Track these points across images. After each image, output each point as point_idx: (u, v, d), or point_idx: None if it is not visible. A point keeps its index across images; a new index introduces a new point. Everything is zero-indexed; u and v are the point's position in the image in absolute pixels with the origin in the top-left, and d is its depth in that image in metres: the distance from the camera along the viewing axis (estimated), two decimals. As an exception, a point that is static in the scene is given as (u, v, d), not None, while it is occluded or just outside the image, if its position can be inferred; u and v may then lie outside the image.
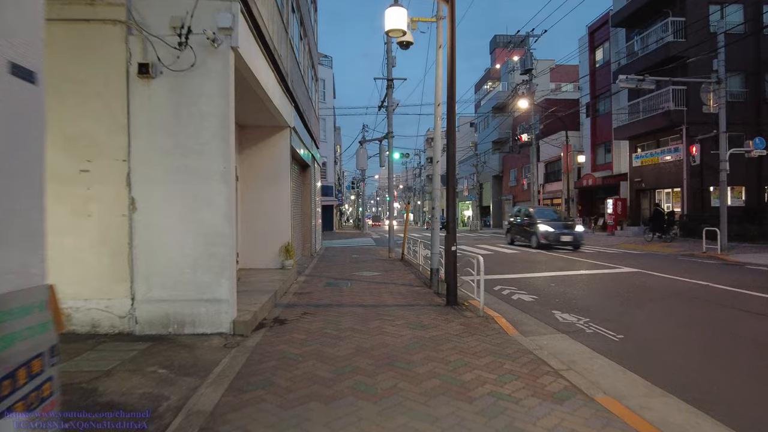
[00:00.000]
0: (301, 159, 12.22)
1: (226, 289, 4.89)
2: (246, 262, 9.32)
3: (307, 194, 13.74)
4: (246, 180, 9.32)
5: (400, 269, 11.04)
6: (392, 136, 14.02)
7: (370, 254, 15.41)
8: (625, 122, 24.16)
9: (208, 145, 4.92)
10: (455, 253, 6.64)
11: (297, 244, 12.66)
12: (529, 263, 12.57)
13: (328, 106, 34.45)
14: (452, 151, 6.85)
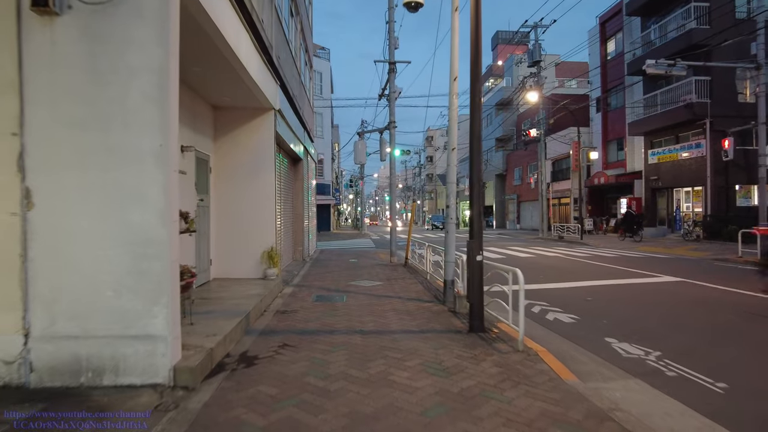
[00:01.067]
0: (290, 150, 10.71)
1: (163, 320, 3.38)
2: (221, 271, 7.81)
3: (299, 191, 12.24)
4: (221, 172, 7.81)
5: (404, 277, 9.54)
6: (395, 126, 12.53)
7: (370, 258, 13.91)
8: (640, 117, 22.70)
9: (139, 113, 3.41)
10: (481, 265, 5.14)
11: (287, 247, 11.16)
12: (551, 269, 11.07)
13: (326, 100, 32.93)
14: (477, 130, 5.36)
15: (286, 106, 9.03)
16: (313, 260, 13.13)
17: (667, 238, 20.55)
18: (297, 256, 12.24)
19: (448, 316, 5.93)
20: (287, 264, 11.05)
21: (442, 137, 59.21)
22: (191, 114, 6.68)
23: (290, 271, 10.04)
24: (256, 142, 7.88)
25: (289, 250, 11.58)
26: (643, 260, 13.17)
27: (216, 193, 7.77)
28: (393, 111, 12.61)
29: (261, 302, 6.06)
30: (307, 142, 13.41)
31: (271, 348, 4.47)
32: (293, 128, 10.22)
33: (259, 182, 7.89)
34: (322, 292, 7.69)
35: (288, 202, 11.39)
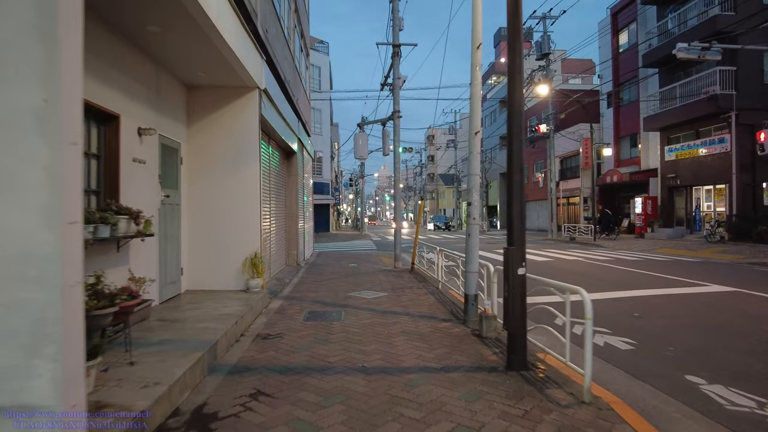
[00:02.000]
0: (282, 142, 9.45)
1: (49, 381, 2.11)
2: (195, 281, 6.55)
3: (293, 189, 10.99)
4: (196, 164, 6.55)
5: (411, 286, 8.28)
6: (399, 116, 11.28)
7: (372, 262, 12.64)
8: (656, 111, 21.45)
9: (9, 49, 2.15)
10: (524, 281, 3.89)
11: (279, 251, 9.90)
12: (577, 276, 9.80)
13: (324, 93, 31.68)
14: (518, 101, 4.13)
15: (274, 88, 7.77)
16: (309, 265, 11.86)
17: (687, 240, 19.29)
18: (291, 261, 10.98)
19: (473, 343, 4.67)
20: (278, 270, 9.80)
21: (444, 135, 58.04)
22: (153, 90, 5.43)
23: (281, 279, 8.78)
24: (237, 127, 6.62)
25: (281, 255, 10.33)
26: (672, 264, 11.92)
27: (189, 189, 6.51)
28: (397, 99, 11.36)
29: (237, 324, 4.80)
30: (302, 134, 12.15)
31: (240, 398, 3.21)
32: (285, 116, 8.96)
33: (241, 176, 6.63)
34: (316, 307, 6.43)
35: (280, 200, 10.14)
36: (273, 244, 9.19)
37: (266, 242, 8.33)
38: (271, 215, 8.94)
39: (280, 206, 10.24)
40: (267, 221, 8.55)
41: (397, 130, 11.33)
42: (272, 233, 9.10)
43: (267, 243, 8.38)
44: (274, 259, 9.25)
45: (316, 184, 30.78)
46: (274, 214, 9.36)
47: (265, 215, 8.35)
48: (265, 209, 8.35)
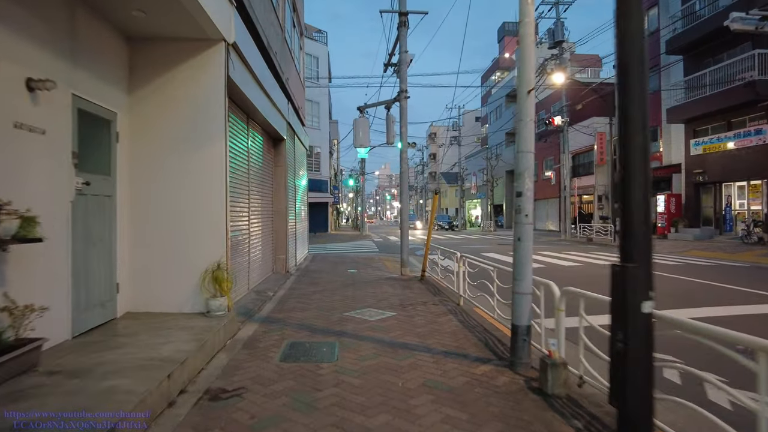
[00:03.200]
0: (265, 123, 7.79)
1: None
2: (139, 301, 4.87)
3: (281, 182, 9.31)
4: (138, 142, 4.87)
5: (425, 301, 6.60)
6: (407, 96, 9.61)
7: (374, 268, 10.96)
8: (681, 101, 19.77)
9: None
10: (650, 323, 2.21)
11: (262, 257, 8.24)
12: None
13: (323, 87, 30.00)
14: (635, 27, 2.46)
15: (250, 48, 6.08)
16: (301, 272, 10.18)
17: (718, 241, 17.61)
18: (279, 267, 9.30)
19: (537, 408, 2.99)
20: (262, 280, 8.12)
21: (448, 131, 56.28)
22: (62, 29, 3.75)
23: (262, 292, 7.10)
24: (195, 93, 4.93)
25: (266, 260, 8.65)
26: (722, 270, 10.25)
27: (129, 175, 4.82)
28: (404, 77, 9.68)
29: (174, 376, 3.12)
30: (294, 120, 10.48)
31: None
32: (269, 91, 7.29)
33: (202, 159, 4.94)
34: (302, 336, 4.76)
35: (264, 195, 8.46)
36: (254, 249, 7.52)
37: (242, 246, 6.65)
38: (251, 212, 7.26)
39: (265, 202, 8.57)
40: (244, 220, 6.87)
41: (404, 114, 9.65)
42: (253, 235, 7.43)
43: (243, 247, 6.70)
44: (255, 267, 7.57)
45: (313, 181, 29.10)
46: (256, 211, 7.69)
47: (241, 212, 6.68)
48: (241, 205, 6.67)
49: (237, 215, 6.36)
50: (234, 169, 6.07)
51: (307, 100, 28.69)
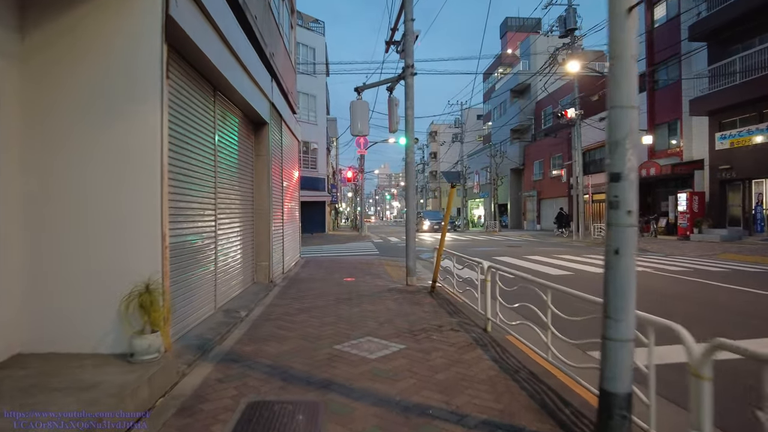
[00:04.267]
0: (240, 100, 6.29)
1: None
2: (40, 336, 3.38)
3: (263, 176, 7.80)
4: (37, 108, 3.37)
5: (441, 325, 5.10)
6: (413, 73, 8.12)
7: (374, 275, 9.46)
8: (705, 91, 18.29)
9: None
10: None
11: (238, 265, 6.75)
12: (685, 302, 6.66)
13: (320, 81, 28.48)
14: None
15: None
16: (289, 281, 8.68)
17: (748, 243, 16.14)
18: (260, 277, 7.79)
19: None
20: (237, 293, 6.61)
21: (450, 129, 54.87)
22: None
23: (233, 312, 5.60)
24: (115, 36, 3.43)
25: (244, 269, 7.15)
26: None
27: (19, 156, 3.32)
28: (410, 50, 8.19)
29: None
30: (280, 103, 8.99)
31: None
32: (241, 58, 5.80)
33: (121, 132, 3.44)
34: (271, 389, 3.26)
35: (241, 189, 6.96)
36: (224, 256, 6.01)
37: (204, 254, 5.14)
38: (219, 211, 5.75)
39: (241, 199, 7.08)
40: (208, 220, 5.37)
41: (410, 93, 8.14)
42: (222, 239, 5.93)
43: (205, 255, 5.18)
44: (225, 279, 6.07)
45: (309, 179, 27.58)
46: (227, 209, 6.19)
47: (203, 210, 5.18)
48: (203, 201, 5.17)
49: (194, 214, 4.85)
50: (185, 153, 4.57)
51: (303, 93, 27.20)
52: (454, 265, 6.88)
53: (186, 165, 4.55)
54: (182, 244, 4.50)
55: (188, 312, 4.62)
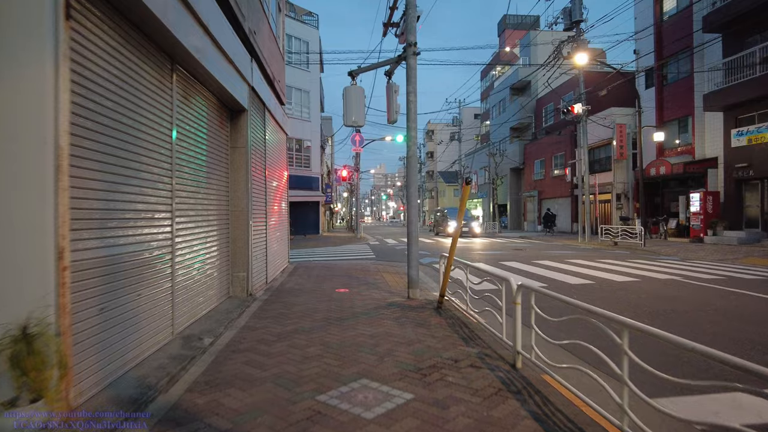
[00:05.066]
0: (206, 74, 5.16)
1: None
2: None
3: (240, 170, 6.66)
4: None
5: (458, 359, 3.99)
6: (416, 52, 7.03)
7: (371, 285, 8.34)
8: (720, 86, 17.30)
9: None
10: None
11: (211, 278, 5.63)
12: (745, 324, 5.59)
13: (313, 75, 27.32)
14: None
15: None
16: (272, 293, 7.54)
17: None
18: (237, 290, 6.66)
19: None
20: (203, 314, 5.47)
21: (447, 128, 53.86)
22: None
23: (194, 339, 4.47)
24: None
25: (217, 282, 6.01)
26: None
27: None
28: (413, 26, 7.09)
29: None
30: (262, 88, 7.87)
31: None
32: (206, 22, 4.67)
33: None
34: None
35: (216, 186, 5.83)
36: (184, 268, 4.88)
37: (152, 269, 3.98)
38: (178, 212, 4.62)
39: (217, 198, 5.95)
40: (164, 224, 4.23)
41: (412, 76, 7.03)
42: (182, 247, 4.79)
43: (155, 270, 4.03)
44: (188, 296, 4.93)
45: (302, 178, 26.41)
46: (191, 210, 5.06)
47: (159, 211, 4.05)
48: (158, 201, 4.04)
49: (136, 218, 3.72)
50: (120, 137, 3.44)
51: (295, 89, 26.04)
52: (467, 277, 5.76)
53: (120, 153, 3.43)
54: (116, 258, 3.37)
55: (126, 347, 3.49)
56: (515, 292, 3.87)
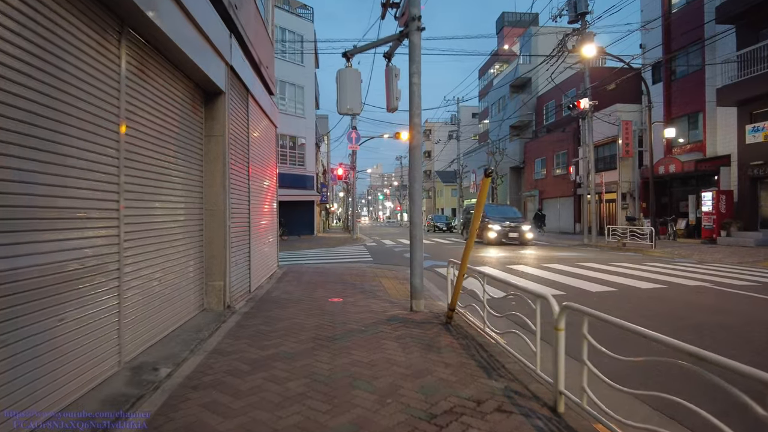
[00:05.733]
0: (170, 46, 4.24)
1: None
2: None
3: (217, 164, 5.73)
4: None
5: (480, 400, 3.09)
6: (420, 27, 6.13)
7: (369, 293, 7.43)
8: (734, 80, 16.49)
9: None
10: None
11: (178, 290, 4.72)
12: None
13: (308, 70, 26.39)
14: None
15: None
16: (255, 304, 6.62)
17: None
18: (212, 301, 5.73)
19: None
20: (166, 334, 4.54)
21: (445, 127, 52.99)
22: None
23: (145, 370, 3.55)
24: None
25: (190, 293, 5.09)
26: None
27: None
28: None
29: None
30: (244, 70, 6.95)
31: None
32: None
33: None
34: None
35: (184, 181, 4.91)
36: (137, 280, 3.96)
37: (93, 281, 3.05)
38: (126, 212, 3.69)
39: (186, 195, 5.03)
40: (107, 228, 3.32)
41: (417, 55, 6.11)
42: (137, 254, 3.87)
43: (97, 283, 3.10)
44: (144, 314, 4.01)
45: (296, 177, 25.45)
46: (150, 210, 4.14)
47: (97, 212, 3.13)
48: (97, 198, 3.12)
49: (59, 217, 2.80)
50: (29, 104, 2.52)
51: (289, 83, 25.08)
52: (485, 288, 4.83)
53: (35, 132, 2.51)
54: (22, 273, 2.46)
55: (35, 394, 2.57)
56: (557, 314, 2.97)
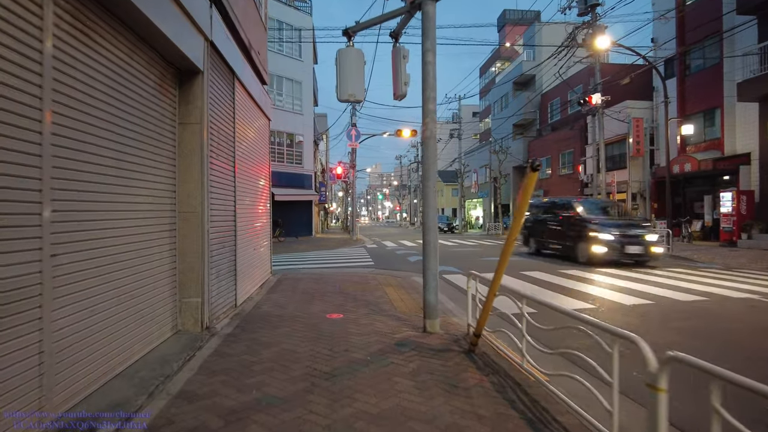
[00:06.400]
0: (134, 12, 3.28)
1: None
2: None
3: (194, 156, 4.81)
4: None
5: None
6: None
7: (371, 306, 6.50)
8: (757, 73, 15.60)
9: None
10: None
11: (150, 305, 3.72)
12: None
13: (306, 67, 25.45)
14: None
15: None
16: (238, 324, 5.68)
17: None
18: (187, 322, 4.79)
19: None
20: (129, 365, 3.60)
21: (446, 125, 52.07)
22: None
23: (75, 430, 2.61)
24: None
25: (158, 314, 4.15)
26: None
27: None
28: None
29: None
30: (225, 44, 6.02)
31: None
32: None
33: None
34: None
35: (149, 177, 3.98)
36: (81, 308, 3.02)
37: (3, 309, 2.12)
38: (56, 219, 2.75)
39: (152, 195, 4.10)
40: (28, 237, 2.35)
41: (431, 29, 5.20)
42: (75, 271, 2.93)
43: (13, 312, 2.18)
44: (80, 356, 3.07)
45: (294, 176, 24.51)
46: (93, 215, 3.21)
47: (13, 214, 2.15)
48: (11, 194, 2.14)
49: None
50: None
51: (287, 79, 24.14)
52: (523, 312, 3.83)
53: None
54: None
55: None
56: (655, 367, 2.04)
